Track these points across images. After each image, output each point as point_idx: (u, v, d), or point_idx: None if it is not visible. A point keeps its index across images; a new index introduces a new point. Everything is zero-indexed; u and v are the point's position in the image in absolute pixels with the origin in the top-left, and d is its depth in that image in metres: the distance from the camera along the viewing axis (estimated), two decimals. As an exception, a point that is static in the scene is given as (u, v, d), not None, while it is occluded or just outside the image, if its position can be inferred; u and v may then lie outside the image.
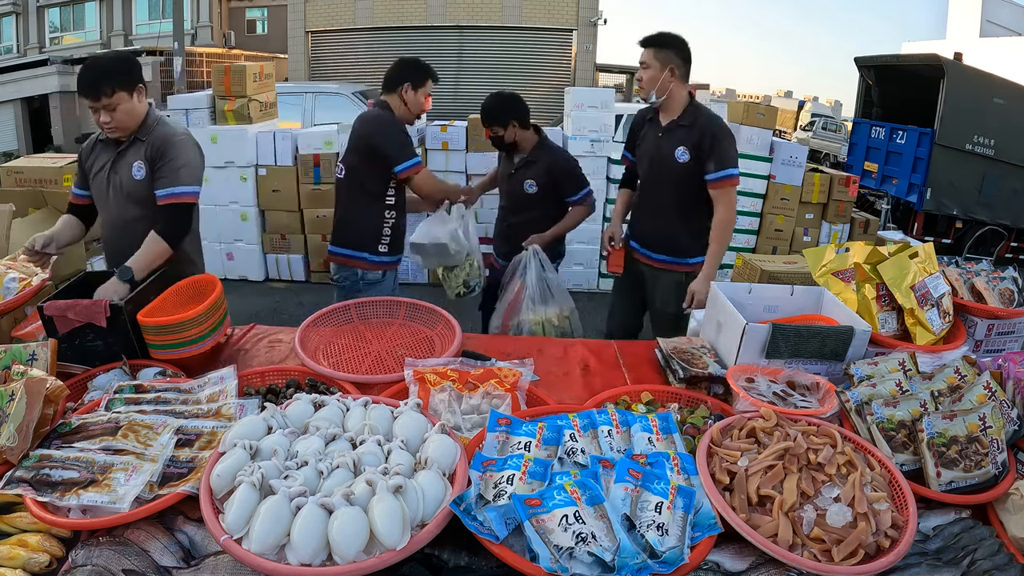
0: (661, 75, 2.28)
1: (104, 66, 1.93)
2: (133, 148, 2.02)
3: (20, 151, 13.59)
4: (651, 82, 2.31)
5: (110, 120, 1.94)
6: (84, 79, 1.90)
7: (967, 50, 8.29)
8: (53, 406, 1.27)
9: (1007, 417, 1.27)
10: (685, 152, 2.30)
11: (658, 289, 2.49)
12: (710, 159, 2.26)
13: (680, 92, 2.35)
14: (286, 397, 1.44)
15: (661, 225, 2.44)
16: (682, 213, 2.38)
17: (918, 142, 6.39)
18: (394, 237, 2.52)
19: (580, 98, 5.01)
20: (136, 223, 1.99)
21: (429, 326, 1.88)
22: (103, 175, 2.05)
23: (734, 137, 2.34)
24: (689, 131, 2.31)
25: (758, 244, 5.27)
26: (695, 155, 2.29)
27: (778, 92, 25.93)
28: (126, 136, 2.02)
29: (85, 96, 1.91)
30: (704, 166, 2.28)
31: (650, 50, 2.30)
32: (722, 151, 2.26)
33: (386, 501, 0.95)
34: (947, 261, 2.00)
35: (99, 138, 2.10)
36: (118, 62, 1.96)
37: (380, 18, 13.64)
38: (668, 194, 2.39)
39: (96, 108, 1.92)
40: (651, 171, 2.43)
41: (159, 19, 17.37)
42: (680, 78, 2.32)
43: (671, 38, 2.31)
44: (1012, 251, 6.85)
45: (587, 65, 13.54)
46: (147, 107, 2.03)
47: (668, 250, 2.43)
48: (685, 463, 1.15)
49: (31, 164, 3.44)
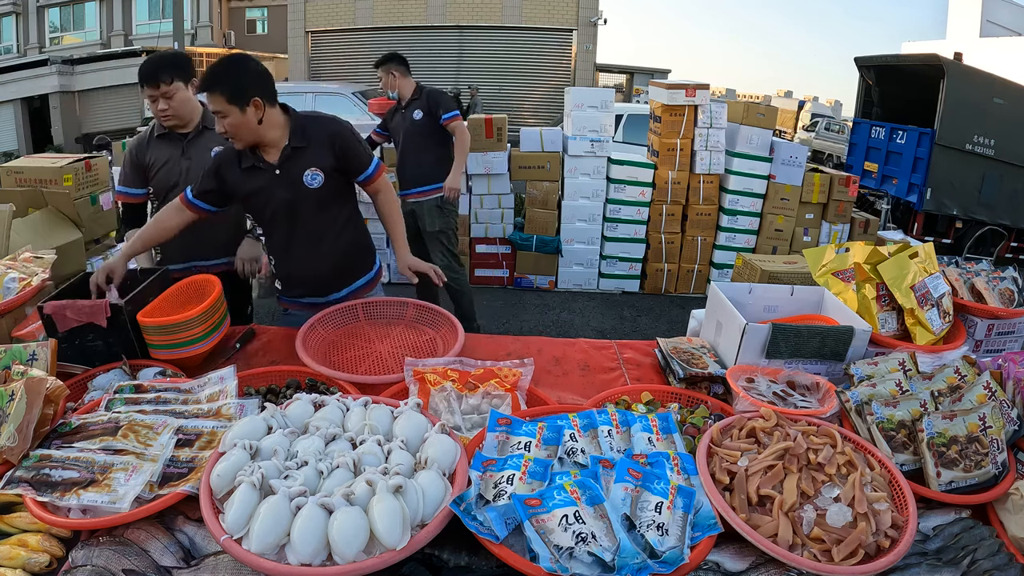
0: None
1: (164, 57, 2.13)
2: (204, 137, 2.19)
3: (20, 151, 13.60)
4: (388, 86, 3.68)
5: (167, 108, 2.10)
6: (146, 69, 2.07)
7: (967, 50, 8.29)
8: (53, 406, 1.27)
9: (1007, 417, 1.27)
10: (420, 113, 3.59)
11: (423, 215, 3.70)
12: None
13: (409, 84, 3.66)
14: (286, 397, 1.44)
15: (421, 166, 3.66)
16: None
17: (918, 142, 6.39)
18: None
19: (580, 98, 5.01)
20: None
21: (434, 327, 1.87)
22: (172, 165, 2.18)
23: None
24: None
25: (758, 244, 5.27)
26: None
27: (778, 92, 25.91)
28: (186, 126, 2.18)
29: (147, 83, 2.07)
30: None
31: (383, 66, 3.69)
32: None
33: (386, 501, 0.95)
34: (947, 261, 2.00)
35: (155, 135, 2.21)
36: (176, 55, 2.17)
37: (380, 18, 13.66)
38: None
39: (155, 96, 2.08)
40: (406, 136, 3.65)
41: (159, 19, 17.39)
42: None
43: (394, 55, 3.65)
44: (1012, 251, 6.85)
45: (587, 65, 13.56)
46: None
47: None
48: (685, 463, 1.15)
49: (31, 164, 3.44)
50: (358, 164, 1.92)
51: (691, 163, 5.04)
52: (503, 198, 5.11)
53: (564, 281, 5.31)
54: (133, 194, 2.26)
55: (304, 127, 1.85)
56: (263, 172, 1.84)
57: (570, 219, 5.10)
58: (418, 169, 3.65)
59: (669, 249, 5.20)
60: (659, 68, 16.47)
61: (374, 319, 1.92)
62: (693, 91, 4.86)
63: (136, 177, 2.24)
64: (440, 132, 3.61)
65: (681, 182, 5.04)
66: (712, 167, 5.02)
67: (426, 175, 3.64)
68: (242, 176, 1.84)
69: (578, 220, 5.11)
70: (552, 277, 5.29)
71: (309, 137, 1.84)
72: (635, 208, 5.10)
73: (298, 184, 1.84)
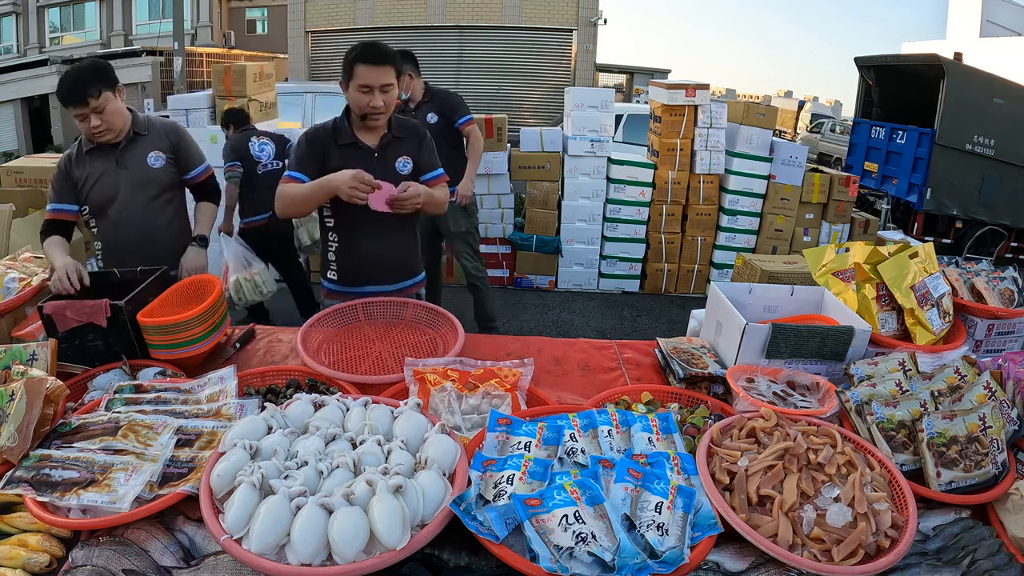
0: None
1: (84, 69, 1.96)
2: (137, 143, 2.11)
3: (20, 151, 13.60)
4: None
5: (100, 123, 1.98)
6: (69, 87, 1.92)
7: (967, 50, 8.29)
8: (53, 406, 1.27)
9: (1007, 417, 1.27)
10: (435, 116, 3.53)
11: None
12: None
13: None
14: (286, 397, 1.44)
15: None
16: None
17: (918, 142, 6.39)
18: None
19: (580, 98, 5.02)
20: (154, 207, 2.17)
21: (434, 327, 1.87)
22: (108, 177, 2.09)
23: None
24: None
25: (758, 244, 5.27)
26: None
27: (778, 92, 25.92)
28: (117, 136, 2.07)
29: (74, 104, 1.94)
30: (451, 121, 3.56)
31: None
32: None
33: (386, 501, 0.95)
34: (947, 261, 2.00)
35: (83, 150, 2.09)
36: (96, 66, 1.99)
37: (380, 18, 13.65)
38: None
39: (85, 115, 1.95)
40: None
41: (159, 19, 17.39)
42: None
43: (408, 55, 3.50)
44: (1012, 251, 6.86)
45: (587, 65, 13.55)
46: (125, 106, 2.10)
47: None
48: (685, 463, 1.15)
49: (31, 164, 3.45)
50: (430, 163, 2.09)
51: (691, 163, 5.05)
52: (503, 198, 5.11)
53: (564, 281, 5.31)
54: (68, 211, 2.11)
55: (401, 121, 2.04)
56: (360, 151, 1.94)
57: (570, 219, 5.10)
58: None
59: (669, 249, 5.20)
60: (659, 68, 16.47)
61: (374, 319, 1.92)
62: (693, 91, 4.86)
63: (69, 193, 2.10)
64: (454, 135, 3.57)
65: (681, 182, 5.04)
66: (712, 167, 5.03)
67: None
68: (338, 153, 1.93)
69: (578, 220, 5.11)
70: (552, 277, 5.29)
71: (406, 128, 2.03)
72: (635, 208, 5.10)
73: (391, 172, 1.96)
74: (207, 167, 2.30)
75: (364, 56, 1.84)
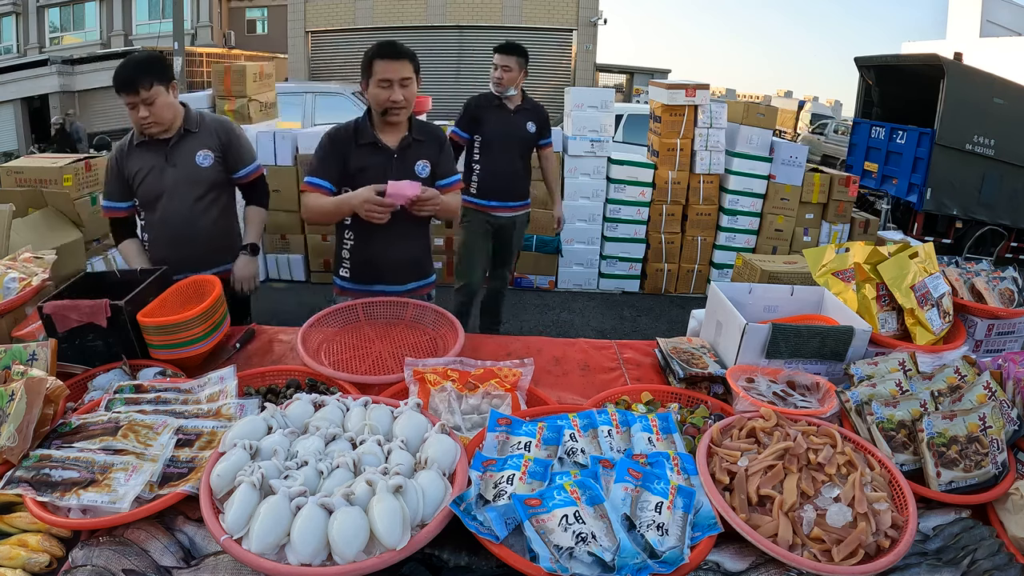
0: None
1: (140, 62, 2.00)
2: (187, 140, 2.13)
3: (20, 151, 13.59)
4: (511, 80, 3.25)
5: (148, 115, 2.01)
6: (123, 75, 1.97)
7: (967, 50, 8.29)
8: (53, 406, 1.26)
9: (1007, 417, 1.27)
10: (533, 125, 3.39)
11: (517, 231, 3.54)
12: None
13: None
14: (286, 397, 1.44)
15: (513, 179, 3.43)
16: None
17: (918, 142, 6.39)
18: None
19: (580, 98, 5.02)
20: (200, 206, 2.17)
21: (434, 328, 1.87)
22: (156, 173, 2.11)
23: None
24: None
25: (758, 244, 5.27)
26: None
27: (778, 92, 25.91)
28: (166, 132, 2.09)
29: (125, 92, 1.98)
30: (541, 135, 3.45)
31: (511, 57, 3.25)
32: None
33: (386, 501, 0.95)
34: (947, 261, 2.00)
35: (134, 143, 2.12)
36: (152, 58, 2.05)
37: (380, 18, 13.66)
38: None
39: (135, 103, 1.99)
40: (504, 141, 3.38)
41: (159, 19, 17.39)
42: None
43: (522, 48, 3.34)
44: (1012, 251, 6.86)
45: (587, 65, 13.56)
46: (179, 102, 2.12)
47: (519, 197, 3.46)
48: (685, 463, 1.15)
49: (31, 164, 3.44)
50: (448, 168, 2.11)
51: (691, 163, 5.05)
52: (503, 198, 5.10)
53: (564, 281, 5.31)
54: (119, 208, 2.18)
55: (422, 124, 2.06)
56: (380, 152, 1.97)
57: (570, 219, 5.10)
58: (521, 182, 3.47)
59: (669, 249, 5.20)
60: (659, 68, 16.48)
61: (374, 319, 1.92)
62: (693, 91, 4.86)
63: (121, 190, 2.15)
64: (533, 148, 3.50)
65: (681, 182, 5.04)
66: (712, 167, 5.03)
67: (525, 189, 3.50)
68: (358, 152, 1.96)
69: (578, 220, 5.11)
70: (552, 277, 5.29)
71: (426, 132, 2.05)
72: (635, 208, 5.10)
73: (410, 173, 1.96)
74: (257, 166, 2.29)
75: (382, 52, 1.88)
